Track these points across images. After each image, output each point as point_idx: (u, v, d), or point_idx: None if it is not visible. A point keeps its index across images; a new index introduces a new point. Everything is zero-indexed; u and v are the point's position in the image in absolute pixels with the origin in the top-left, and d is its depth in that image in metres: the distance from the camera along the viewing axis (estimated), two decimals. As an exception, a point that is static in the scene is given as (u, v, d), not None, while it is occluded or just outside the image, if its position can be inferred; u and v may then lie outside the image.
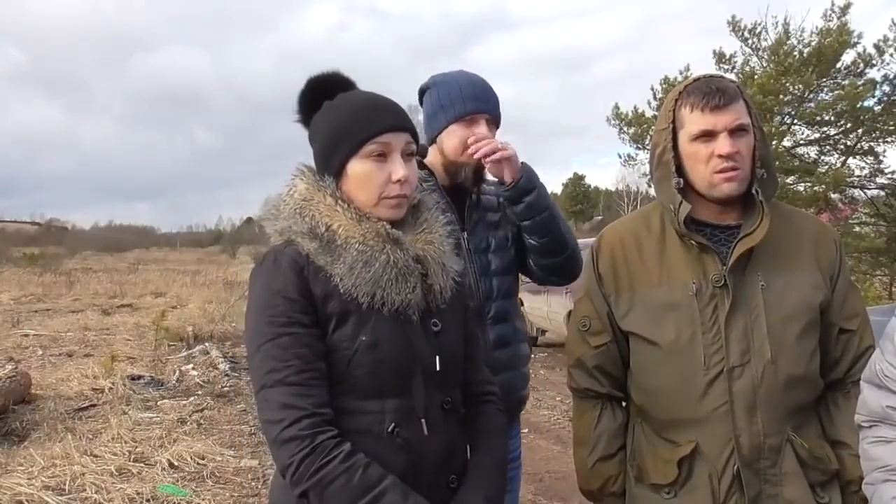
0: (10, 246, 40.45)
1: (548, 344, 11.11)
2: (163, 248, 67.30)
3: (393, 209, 1.30)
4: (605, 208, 66.66)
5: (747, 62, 12.16)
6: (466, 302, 1.47)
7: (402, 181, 1.28)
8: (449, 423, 1.32)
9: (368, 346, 1.23)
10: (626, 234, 1.56)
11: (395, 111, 1.34)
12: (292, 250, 1.27)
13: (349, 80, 1.38)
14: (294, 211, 1.30)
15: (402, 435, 1.24)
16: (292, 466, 1.16)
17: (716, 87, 1.41)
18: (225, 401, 6.57)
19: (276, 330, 1.21)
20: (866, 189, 12.40)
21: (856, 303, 1.51)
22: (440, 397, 1.31)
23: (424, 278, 1.31)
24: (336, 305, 1.24)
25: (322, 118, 1.34)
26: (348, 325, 1.24)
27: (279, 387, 1.19)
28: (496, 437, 1.42)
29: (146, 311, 13.33)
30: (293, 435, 1.16)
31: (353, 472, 1.16)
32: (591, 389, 1.57)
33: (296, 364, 1.20)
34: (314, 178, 1.32)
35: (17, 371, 6.35)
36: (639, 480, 1.52)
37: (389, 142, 1.29)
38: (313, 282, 1.24)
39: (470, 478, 1.32)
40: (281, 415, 1.18)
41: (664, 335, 1.45)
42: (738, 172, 1.42)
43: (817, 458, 1.44)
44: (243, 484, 4.36)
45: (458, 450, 1.34)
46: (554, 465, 5.01)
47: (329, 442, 1.17)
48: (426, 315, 1.32)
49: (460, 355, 1.38)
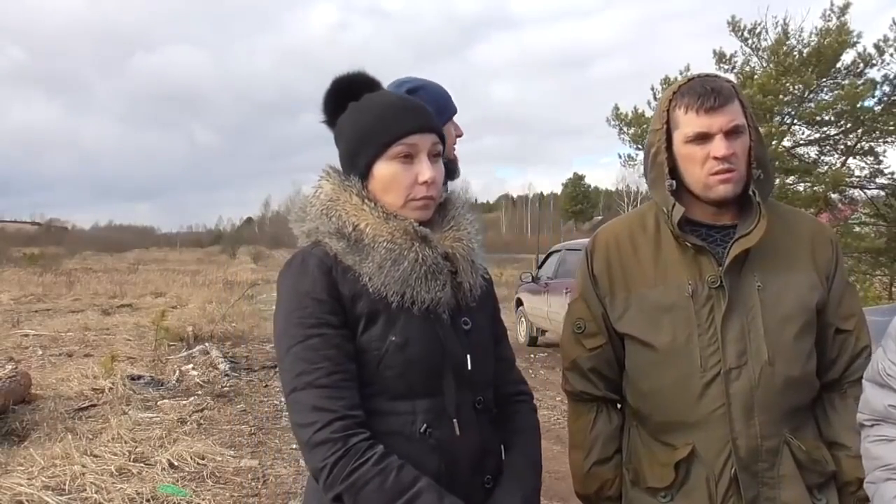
0: (10, 246, 40.44)
1: (548, 344, 11.09)
2: (163, 248, 67.36)
3: (420, 210, 1.29)
4: (604, 208, 66.53)
5: (747, 62, 12.17)
6: (495, 300, 1.46)
7: (430, 183, 1.27)
8: (481, 423, 1.31)
9: (398, 346, 1.22)
10: (620, 234, 1.55)
11: (422, 112, 1.32)
12: (320, 251, 1.26)
13: (375, 80, 1.37)
14: (320, 212, 1.29)
15: (434, 435, 1.23)
16: (325, 469, 1.15)
17: (711, 88, 1.40)
18: (225, 401, 6.58)
19: (305, 332, 1.20)
20: (866, 189, 12.40)
21: (852, 303, 1.51)
22: (472, 397, 1.30)
23: (454, 276, 1.30)
24: (365, 305, 1.23)
25: (348, 119, 1.33)
26: (378, 326, 1.23)
27: (310, 389, 1.18)
28: (530, 436, 1.42)
29: (146, 311, 13.34)
30: (325, 438, 1.15)
31: (386, 474, 1.15)
32: (587, 392, 1.56)
33: (326, 366, 1.18)
34: (340, 178, 1.31)
35: (17, 371, 6.36)
36: (635, 484, 1.51)
37: (416, 143, 1.28)
38: (342, 282, 1.23)
39: (505, 478, 1.32)
40: (312, 417, 1.17)
41: (660, 337, 1.44)
42: (734, 174, 1.41)
43: (815, 459, 1.43)
44: (243, 484, 4.36)
45: (491, 450, 1.34)
46: (554, 465, 5.00)
47: (362, 444, 1.16)
48: (456, 313, 1.30)
49: (491, 354, 1.37)
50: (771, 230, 1.42)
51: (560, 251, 11.18)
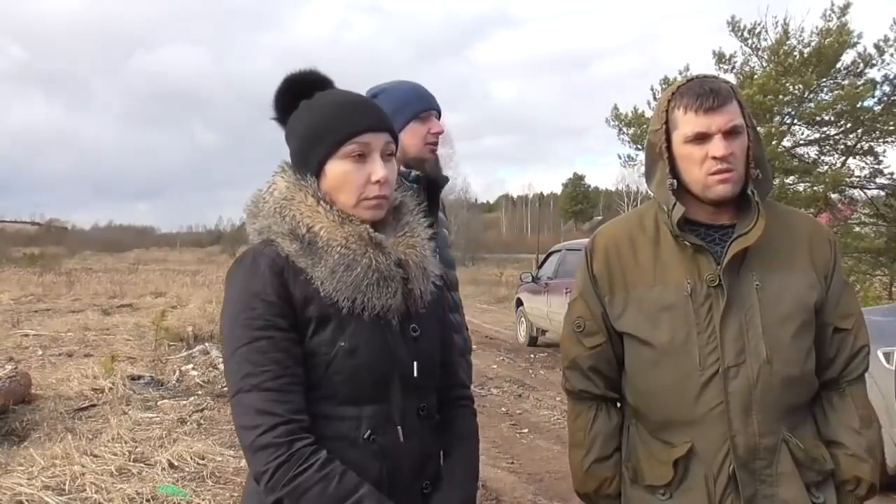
0: (10, 246, 40.42)
1: (548, 344, 11.09)
2: (163, 248, 67.36)
3: (372, 210, 1.28)
4: (604, 208, 66.54)
5: (747, 62, 12.18)
6: (444, 305, 1.46)
7: (382, 182, 1.26)
8: (424, 430, 1.31)
9: (347, 351, 1.21)
10: (620, 234, 1.56)
11: (375, 111, 1.32)
12: (272, 251, 1.24)
13: (327, 78, 1.36)
14: (274, 210, 1.27)
15: (378, 441, 1.23)
16: (267, 474, 1.14)
17: (709, 89, 1.41)
18: (225, 401, 6.56)
19: (252, 333, 1.19)
20: (866, 189, 12.39)
21: (850, 302, 1.52)
22: (416, 403, 1.30)
23: (405, 283, 1.29)
24: (315, 309, 1.22)
25: (299, 117, 1.32)
26: (327, 330, 1.22)
27: (255, 392, 1.16)
28: (470, 442, 1.42)
29: (146, 311, 13.33)
30: (269, 442, 1.14)
31: (329, 480, 1.15)
32: (587, 391, 1.57)
33: (272, 369, 1.17)
34: (295, 176, 1.30)
35: (17, 371, 6.36)
36: (634, 482, 1.52)
37: (369, 142, 1.27)
38: (293, 284, 1.21)
39: (444, 484, 1.32)
40: (256, 421, 1.16)
41: (659, 336, 1.45)
42: (732, 174, 1.42)
43: (813, 458, 1.44)
44: (243, 484, 4.35)
45: (432, 456, 1.34)
46: (554, 465, 5.01)
47: (306, 449, 1.16)
48: (406, 320, 1.30)
49: (437, 361, 1.37)
50: (769, 230, 1.42)
51: (560, 251, 11.19)
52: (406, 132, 1.94)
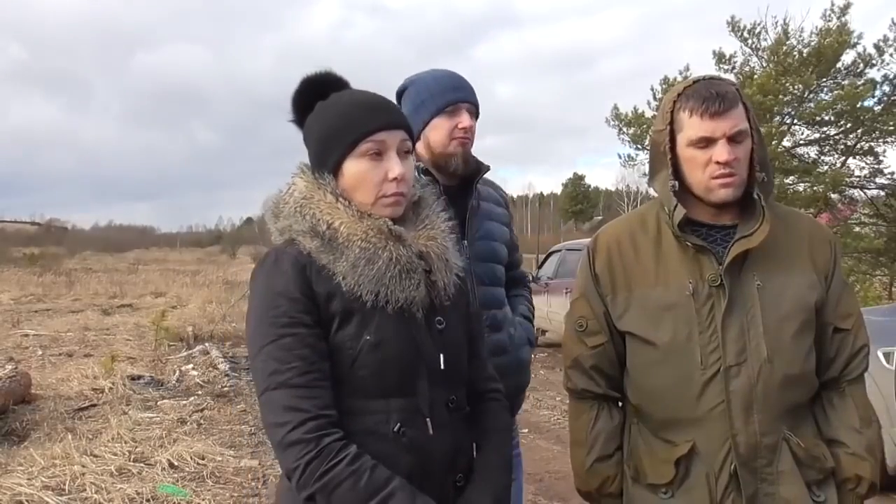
0: (10, 246, 40.39)
1: (548, 344, 11.09)
2: (163, 248, 67.30)
3: (391, 207, 1.29)
4: (604, 208, 66.53)
5: (747, 62, 12.16)
6: (468, 298, 1.46)
7: (399, 179, 1.28)
8: (454, 422, 1.32)
9: (373, 345, 1.22)
10: (622, 234, 1.56)
11: (390, 109, 1.33)
12: (294, 249, 1.26)
13: (342, 79, 1.38)
14: (294, 209, 1.29)
15: (407, 435, 1.23)
16: (298, 470, 1.15)
17: (715, 93, 1.40)
18: (225, 401, 6.58)
19: (278, 331, 1.20)
20: (866, 189, 12.38)
21: (850, 302, 1.52)
22: (445, 396, 1.30)
23: (428, 275, 1.30)
24: (339, 305, 1.23)
25: (316, 118, 1.33)
26: (352, 325, 1.23)
27: (282, 389, 1.18)
28: (501, 435, 1.42)
29: (146, 311, 13.34)
30: (298, 438, 1.15)
31: (360, 474, 1.15)
32: (588, 390, 1.57)
33: (299, 365, 1.18)
34: (313, 176, 1.32)
35: (17, 371, 6.35)
36: (636, 481, 1.52)
37: (384, 140, 1.28)
38: (316, 281, 1.23)
39: (477, 477, 1.32)
40: (285, 418, 1.17)
41: (661, 335, 1.45)
42: (735, 178, 1.42)
43: (813, 456, 1.44)
44: (243, 484, 4.36)
45: (463, 448, 1.34)
46: (554, 465, 5.01)
47: (335, 444, 1.16)
48: (430, 312, 1.31)
49: (464, 353, 1.38)
50: (770, 231, 1.43)
51: (560, 251, 11.18)
52: (431, 128, 1.87)
